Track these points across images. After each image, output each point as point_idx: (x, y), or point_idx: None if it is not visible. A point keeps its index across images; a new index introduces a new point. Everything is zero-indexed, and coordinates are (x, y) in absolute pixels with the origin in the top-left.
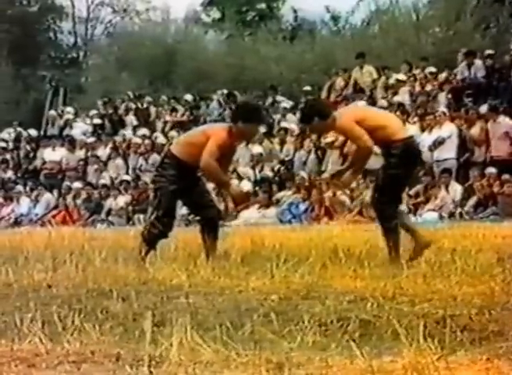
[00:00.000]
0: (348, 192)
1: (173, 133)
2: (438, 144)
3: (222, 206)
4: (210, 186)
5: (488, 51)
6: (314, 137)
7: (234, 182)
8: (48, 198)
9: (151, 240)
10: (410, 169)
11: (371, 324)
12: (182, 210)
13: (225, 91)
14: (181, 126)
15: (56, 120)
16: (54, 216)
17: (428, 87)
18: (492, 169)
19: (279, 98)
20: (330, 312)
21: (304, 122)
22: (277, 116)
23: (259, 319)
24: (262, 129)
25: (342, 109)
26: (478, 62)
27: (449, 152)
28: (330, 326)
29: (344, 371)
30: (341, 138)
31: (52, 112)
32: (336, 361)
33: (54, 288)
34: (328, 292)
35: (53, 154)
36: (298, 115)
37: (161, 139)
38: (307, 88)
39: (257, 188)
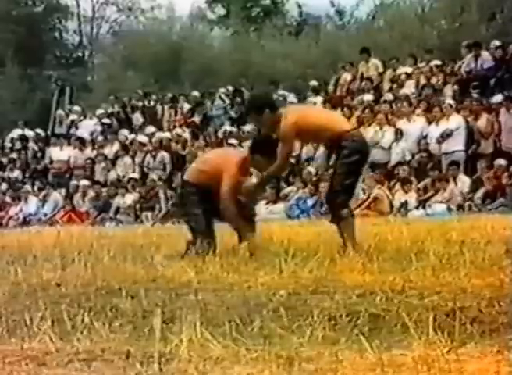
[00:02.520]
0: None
1: (179, 130)
2: (445, 136)
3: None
4: None
5: (496, 43)
6: None
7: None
8: (56, 197)
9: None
10: (361, 157)
11: (380, 318)
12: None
13: (230, 88)
14: (188, 125)
15: (64, 119)
16: (62, 216)
17: (434, 80)
18: (501, 161)
19: (283, 92)
20: (339, 307)
21: (254, 112)
22: None
23: (268, 314)
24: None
25: (287, 108)
26: (484, 53)
27: (457, 144)
28: (339, 321)
29: (354, 365)
30: None
31: (60, 111)
32: (346, 355)
33: (63, 287)
34: (337, 286)
35: (61, 153)
36: (246, 107)
37: (168, 137)
38: (314, 83)
39: None
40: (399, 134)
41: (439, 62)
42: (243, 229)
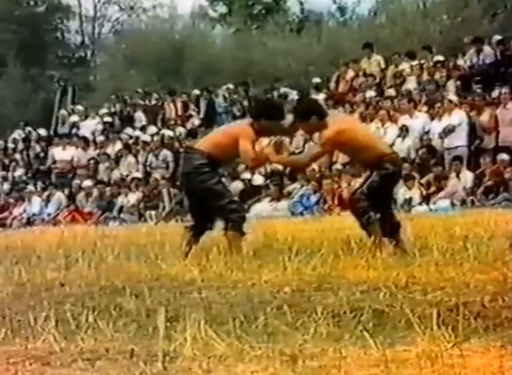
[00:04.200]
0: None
1: (181, 129)
2: (448, 131)
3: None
4: None
5: (498, 37)
6: None
7: (246, 176)
8: (60, 197)
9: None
10: (395, 179)
11: (384, 314)
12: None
13: (231, 86)
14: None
15: (66, 119)
16: (66, 216)
17: (437, 76)
18: (503, 156)
19: (285, 89)
20: (343, 303)
21: (301, 117)
22: (285, 109)
23: (272, 311)
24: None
25: (334, 117)
26: (486, 48)
27: (459, 140)
28: (343, 317)
29: (358, 361)
30: None
31: (63, 111)
32: (350, 351)
33: (67, 287)
34: (341, 283)
35: (64, 153)
36: (294, 109)
37: (170, 135)
38: (317, 80)
39: (268, 181)
40: (404, 131)
41: (441, 58)
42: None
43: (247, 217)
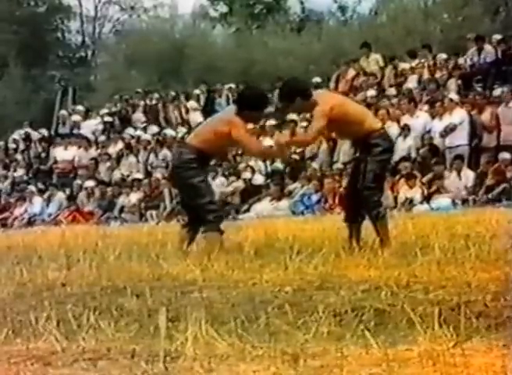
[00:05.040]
0: None
1: (183, 129)
2: (449, 130)
3: None
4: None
5: (498, 36)
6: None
7: (246, 175)
8: (61, 197)
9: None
10: (390, 156)
11: (385, 313)
12: None
13: (233, 85)
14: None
15: (67, 119)
16: (67, 216)
17: (438, 74)
18: (505, 155)
19: None
20: (345, 302)
21: (285, 100)
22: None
23: (274, 311)
24: (272, 121)
25: (321, 94)
26: (487, 47)
27: (461, 138)
28: (345, 316)
29: (360, 361)
30: None
31: (64, 111)
32: (352, 351)
33: (68, 287)
34: (343, 282)
35: (65, 153)
36: (279, 93)
37: (171, 134)
38: (317, 80)
39: (268, 181)
40: (406, 130)
41: (443, 56)
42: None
43: (248, 217)
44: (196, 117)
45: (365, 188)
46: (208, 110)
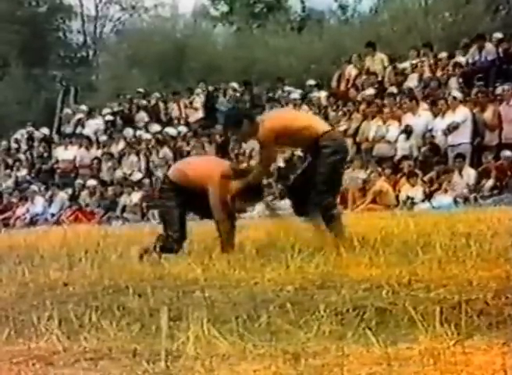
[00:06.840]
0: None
1: (183, 128)
2: (452, 128)
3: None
4: None
5: (498, 35)
6: None
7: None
8: (63, 197)
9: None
10: (342, 157)
11: (387, 312)
12: None
13: (235, 84)
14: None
15: (70, 119)
16: (69, 215)
17: (439, 73)
18: (507, 153)
19: (289, 88)
20: (346, 301)
21: (234, 126)
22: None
23: (275, 310)
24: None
25: (265, 115)
26: (489, 45)
27: (463, 137)
28: (346, 315)
29: (361, 359)
30: (353, 126)
31: (66, 110)
32: (353, 349)
33: (70, 286)
34: (344, 281)
35: (67, 153)
36: (223, 121)
37: (172, 133)
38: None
39: (270, 180)
40: (408, 129)
41: (444, 55)
42: (227, 241)
43: (249, 216)
44: (196, 115)
45: (317, 192)
46: (209, 107)
